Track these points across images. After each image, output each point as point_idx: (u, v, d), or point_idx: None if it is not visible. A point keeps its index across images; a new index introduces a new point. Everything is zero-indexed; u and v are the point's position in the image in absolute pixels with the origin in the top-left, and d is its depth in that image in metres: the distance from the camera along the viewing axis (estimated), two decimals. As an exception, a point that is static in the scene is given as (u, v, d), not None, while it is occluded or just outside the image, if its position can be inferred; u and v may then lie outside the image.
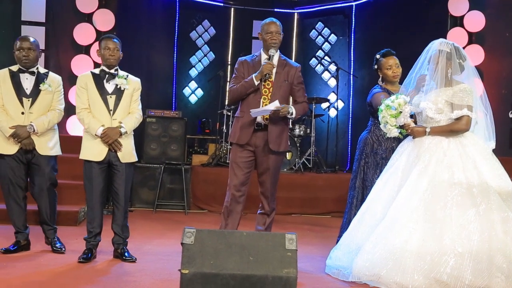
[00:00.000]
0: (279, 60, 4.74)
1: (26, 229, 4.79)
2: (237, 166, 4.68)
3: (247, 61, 4.78)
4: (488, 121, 4.40)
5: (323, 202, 7.73)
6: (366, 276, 4.02)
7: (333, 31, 10.26)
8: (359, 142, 5.05)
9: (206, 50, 10.05)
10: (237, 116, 4.80)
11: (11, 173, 4.66)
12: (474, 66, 4.54)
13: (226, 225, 4.70)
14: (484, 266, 3.88)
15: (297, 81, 4.77)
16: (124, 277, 4.13)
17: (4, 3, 7.78)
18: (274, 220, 4.89)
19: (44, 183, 4.74)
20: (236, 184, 4.67)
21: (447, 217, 4.01)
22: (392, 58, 4.93)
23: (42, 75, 4.78)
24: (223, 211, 4.76)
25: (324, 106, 9.90)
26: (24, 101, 4.68)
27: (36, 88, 4.72)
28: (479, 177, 4.11)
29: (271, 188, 4.75)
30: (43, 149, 4.71)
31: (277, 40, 4.67)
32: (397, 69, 4.91)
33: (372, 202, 4.40)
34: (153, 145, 7.58)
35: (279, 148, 4.67)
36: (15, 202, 4.71)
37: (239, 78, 4.73)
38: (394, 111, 4.29)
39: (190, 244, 3.22)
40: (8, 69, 4.77)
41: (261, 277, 3.15)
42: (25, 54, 4.68)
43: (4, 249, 4.66)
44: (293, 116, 4.65)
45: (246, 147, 4.67)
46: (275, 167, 4.74)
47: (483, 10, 7.82)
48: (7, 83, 4.69)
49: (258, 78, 4.60)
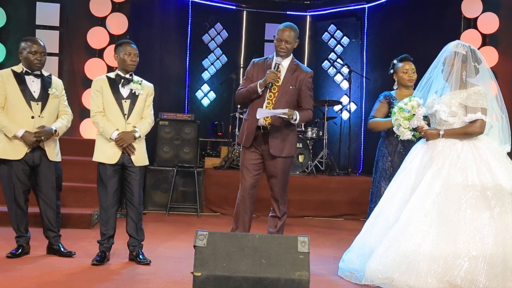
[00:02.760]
0: (290, 65, 4.71)
1: (27, 232, 4.75)
2: (246, 168, 4.70)
3: (259, 63, 4.77)
4: (504, 123, 4.37)
5: (335, 204, 7.73)
6: (379, 279, 4.01)
7: (346, 34, 10.26)
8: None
9: (218, 53, 10.08)
10: (245, 119, 4.82)
11: (15, 178, 4.60)
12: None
13: (237, 228, 4.71)
14: (498, 270, 3.86)
15: (305, 86, 4.72)
16: (136, 279, 4.15)
17: (19, 7, 7.86)
18: (286, 223, 4.89)
19: (51, 190, 4.72)
20: (246, 186, 4.69)
21: (461, 220, 3.99)
22: (409, 63, 5.00)
23: (47, 78, 4.75)
24: (234, 213, 4.79)
25: (336, 109, 9.90)
26: (32, 104, 4.62)
27: (44, 92, 4.69)
28: (493, 179, 4.08)
29: (280, 192, 4.75)
30: (51, 155, 4.69)
31: (285, 49, 4.62)
32: (413, 74, 4.98)
33: (385, 205, 4.39)
34: (166, 148, 7.59)
35: (281, 153, 4.65)
36: (18, 207, 4.66)
37: (247, 81, 4.75)
38: (407, 113, 4.28)
39: (202, 247, 3.23)
40: (11, 69, 4.70)
41: (274, 279, 3.17)
42: (38, 58, 4.66)
43: (11, 254, 4.61)
44: (296, 121, 4.61)
45: (254, 150, 4.69)
46: (283, 171, 4.73)
47: (497, 12, 7.74)
48: (12, 84, 4.61)
49: (262, 86, 4.59)
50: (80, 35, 7.84)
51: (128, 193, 4.66)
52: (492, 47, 7.74)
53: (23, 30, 7.67)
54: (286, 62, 4.71)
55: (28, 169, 4.64)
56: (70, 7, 7.92)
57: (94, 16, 7.84)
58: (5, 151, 4.59)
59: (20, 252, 4.65)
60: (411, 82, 4.99)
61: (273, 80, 4.56)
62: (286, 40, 4.61)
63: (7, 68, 4.76)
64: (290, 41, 4.62)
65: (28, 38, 4.77)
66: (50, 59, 7.41)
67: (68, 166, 5.78)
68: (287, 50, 4.64)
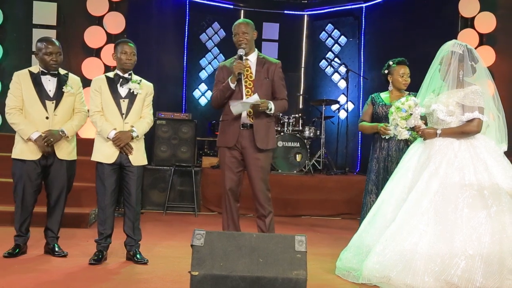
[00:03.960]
0: (257, 58, 4.78)
1: (28, 233, 4.76)
2: (228, 167, 4.72)
3: (226, 66, 4.81)
4: (501, 123, 4.39)
5: (333, 203, 7.76)
6: (376, 278, 4.02)
7: (343, 33, 10.31)
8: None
9: (216, 52, 10.11)
10: (222, 120, 4.83)
11: (27, 178, 4.61)
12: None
13: (229, 226, 4.73)
14: (495, 269, 3.87)
15: (277, 77, 4.78)
16: (134, 279, 4.16)
17: (16, 6, 7.86)
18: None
19: (61, 190, 4.73)
20: (230, 186, 4.71)
21: (458, 219, 4.01)
22: (405, 67, 5.09)
23: (63, 77, 4.75)
24: (222, 212, 4.81)
25: (334, 108, 9.93)
26: (47, 104, 4.63)
27: (59, 90, 4.69)
28: (490, 179, 4.10)
29: (262, 188, 4.71)
30: (60, 153, 4.68)
31: (244, 40, 4.68)
32: (408, 78, 5.08)
33: (382, 204, 4.41)
34: (163, 147, 7.61)
35: (267, 146, 4.69)
36: (25, 207, 4.67)
37: (218, 85, 4.79)
38: (404, 113, 4.30)
39: (200, 246, 3.23)
40: (28, 70, 4.71)
41: (271, 279, 3.16)
42: (54, 58, 4.64)
43: (8, 253, 4.61)
44: (272, 112, 4.65)
45: (234, 148, 4.70)
46: (266, 164, 4.75)
47: (494, 11, 7.81)
48: (28, 85, 4.63)
49: (234, 80, 4.62)
50: (77, 34, 7.84)
51: (125, 193, 4.66)
52: (489, 47, 7.82)
53: (20, 29, 7.67)
54: (253, 56, 4.77)
55: (40, 169, 4.64)
56: (67, 6, 7.91)
57: (91, 15, 7.84)
58: (22, 151, 4.60)
59: (17, 252, 4.64)
60: (406, 86, 5.09)
61: (240, 70, 4.59)
62: (243, 31, 4.68)
63: (24, 69, 4.76)
64: (247, 31, 4.69)
65: (43, 38, 4.75)
66: (47, 58, 7.48)
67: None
68: (246, 41, 4.69)
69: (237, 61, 4.63)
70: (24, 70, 4.75)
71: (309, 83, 10.57)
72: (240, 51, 4.68)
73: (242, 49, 4.69)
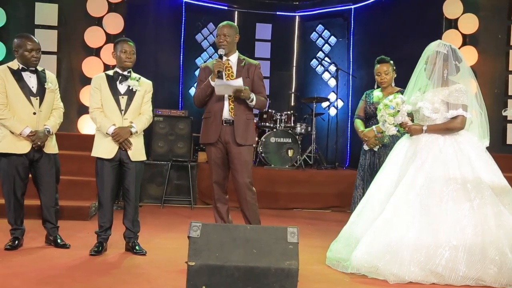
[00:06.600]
0: (238, 59, 4.88)
1: (23, 225, 4.76)
2: (215, 163, 4.83)
3: (208, 66, 4.89)
4: (483, 119, 4.44)
5: (323, 197, 7.81)
6: (365, 268, 4.08)
7: (333, 33, 10.39)
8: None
9: (211, 51, 10.14)
10: (204, 118, 4.92)
11: (15, 172, 4.61)
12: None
13: (216, 219, 4.87)
14: (477, 259, 3.95)
15: (257, 77, 4.87)
16: (133, 269, 4.19)
17: (18, 7, 7.91)
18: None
19: (51, 183, 4.76)
20: (216, 179, 4.84)
21: (443, 211, 4.08)
22: (383, 65, 5.13)
23: (41, 73, 4.74)
24: (213, 206, 4.93)
25: (324, 105, 10.04)
26: (32, 100, 4.61)
27: (41, 87, 4.68)
28: (473, 173, 4.18)
29: (245, 181, 4.77)
30: (47, 148, 4.71)
31: (224, 42, 4.78)
32: (385, 75, 5.12)
33: (371, 197, 4.46)
34: (161, 143, 7.67)
35: (246, 142, 4.77)
36: (16, 200, 4.67)
37: (200, 84, 4.87)
38: (392, 110, 4.38)
39: (196, 238, 3.27)
40: (6, 66, 4.66)
41: (264, 268, 3.20)
42: (35, 55, 4.64)
43: (9, 246, 4.63)
44: (252, 103, 4.75)
45: (218, 144, 4.79)
46: (248, 159, 4.83)
47: (476, 13, 7.96)
48: (10, 81, 4.59)
49: (214, 78, 4.68)
50: (78, 34, 7.93)
51: (124, 187, 4.68)
52: (472, 47, 7.95)
53: (23, 30, 7.64)
54: (234, 57, 4.87)
55: (28, 162, 4.65)
56: (68, 7, 8.00)
57: (91, 16, 7.94)
58: (8, 145, 4.58)
59: (16, 244, 4.66)
60: (383, 84, 5.14)
61: (220, 68, 4.66)
62: (224, 33, 4.77)
63: (2, 65, 4.74)
64: (228, 34, 4.78)
65: (22, 35, 4.73)
66: (48, 58, 7.53)
67: (67, 161, 5.89)
68: (226, 43, 4.77)
69: (217, 60, 4.71)
70: (2, 66, 4.70)
71: (300, 81, 10.60)
72: (220, 51, 4.78)
73: (222, 49, 4.78)
